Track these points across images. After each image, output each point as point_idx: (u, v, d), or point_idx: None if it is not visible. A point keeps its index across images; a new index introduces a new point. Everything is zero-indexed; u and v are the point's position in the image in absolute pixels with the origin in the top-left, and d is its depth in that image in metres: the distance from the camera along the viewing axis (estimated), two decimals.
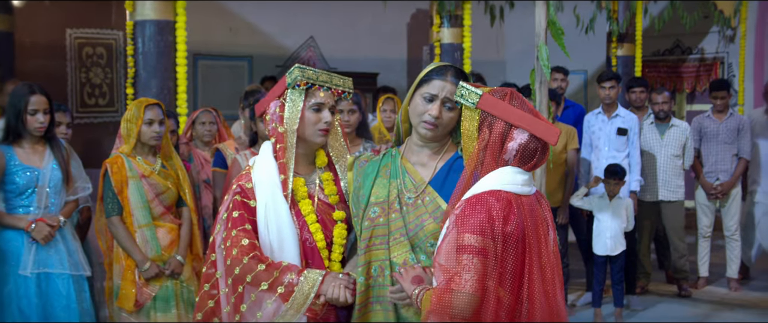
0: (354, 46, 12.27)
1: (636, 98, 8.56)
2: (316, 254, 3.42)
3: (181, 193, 5.47)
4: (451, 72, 3.27)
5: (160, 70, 6.99)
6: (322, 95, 3.43)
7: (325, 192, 3.53)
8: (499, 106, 2.98)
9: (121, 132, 5.32)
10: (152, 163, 5.35)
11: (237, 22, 11.52)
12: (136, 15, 7.01)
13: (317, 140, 3.47)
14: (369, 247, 3.27)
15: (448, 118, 3.23)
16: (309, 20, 11.96)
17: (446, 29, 9.09)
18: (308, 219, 3.43)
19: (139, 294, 5.23)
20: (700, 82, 12.86)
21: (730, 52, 12.46)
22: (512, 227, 2.86)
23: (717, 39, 12.51)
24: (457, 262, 2.82)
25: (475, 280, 2.79)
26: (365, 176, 3.38)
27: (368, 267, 3.27)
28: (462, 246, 2.82)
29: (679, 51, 13.05)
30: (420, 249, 3.20)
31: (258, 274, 3.28)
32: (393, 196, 3.28)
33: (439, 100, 3.20)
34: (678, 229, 8.52)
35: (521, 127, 2.95)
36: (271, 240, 3.37)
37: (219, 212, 3.53)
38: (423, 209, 3.21)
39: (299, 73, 3.39)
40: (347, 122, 5.61)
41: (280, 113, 3.44)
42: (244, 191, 3.43)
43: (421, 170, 3.31)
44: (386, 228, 3.24)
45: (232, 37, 11.45)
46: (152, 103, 5.33)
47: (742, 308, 8.08)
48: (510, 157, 2.96)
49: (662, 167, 8.37)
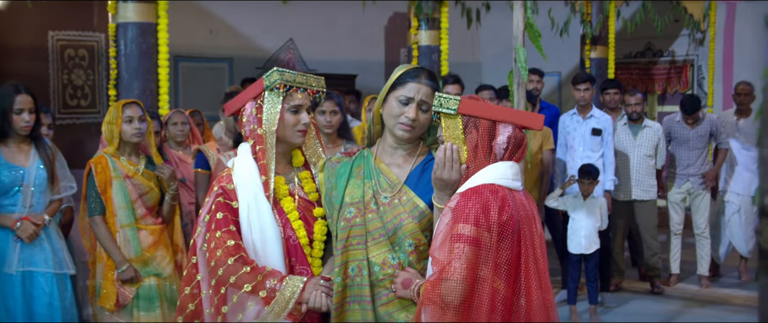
0: (333, 49, 12.33)
1: (610, 100, 8.73)
2: (299, 251, 3.47)
3: (164, 193, 5.53)
4: (425, 74, 3.34)
5: (143, 72, 7.06)
6: (299, 97, 3.50)
7: (304, 190, 3.60)
8: (479, 106, 3.11)
9: (104, 136, 5.39)
10: (136, 163, 5.42)
11: (217, 24, 11.57)
12: (119, 17, 7.08)
13: (297, 140, 3.55)
14: (346, 247, 3.31)
15: (424, 119, 3.30)
16: (288, 22, 11.99)
17: (424, 31, 9.21)
18: (291, 217, 3.49)
19: (120, 294, 5.28)
20: (670, 84, 13.08)
21: (700, 55, 12.68)
22: (507, 218, 2.95)
23: (687, 42, 12.73)
24: (450, 251, 2.91)
25: (465, 268, 2.87)
26: (338, 176, 3.44)
27: (345, 266, 3.31)
28: (455, 235, 2.91)
29: (651, 54, 13.26)
30: (399, 247, 3.25)
31: (242, 276, 3.33)
32: (368, 196, 3.33)
33: (415, 102, 3.27)
34: (651, 228, 8.71)
35: (505, 121, 3.08)
36: (254, 240, 3.42)
37: (200, 214, 3.56)
38: (400, 209, 3.27)
39: (278, 76, 3.45)
40: (329, 123, 5.70)
41: (257, 115, 3.50)
42: (226, 193, 3.48)
43: (396, 170, 3.37)
44: (363, 228, 3.29)
45: (212, 39, 11.49)
46: (129, 102, 5.42)
47: (712, 304, 8.26)
48: (501, 152, 3.07)
49: (635, 167, 8.56)
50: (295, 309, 3.31)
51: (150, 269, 5.37)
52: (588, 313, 7.71)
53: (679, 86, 13.00)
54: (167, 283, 5.44)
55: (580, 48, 11.14)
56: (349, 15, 12.14)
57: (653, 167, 8.65)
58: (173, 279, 5.46)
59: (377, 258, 3.27)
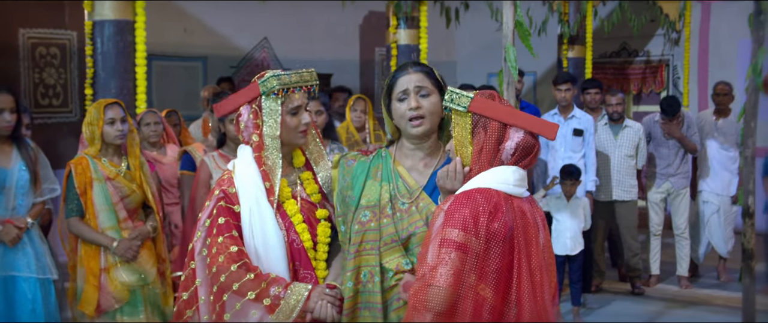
0: (307, 48, 12.23)
1: (591, 100, 8.69)
2: (303, 254, 3.40)
3: (145, 195, 5.39)
4: (410, 64, 3.27)
5: (120, 71, 6.90)
6: (297, 97, 3.42)
7: (307, 191, 3.52)
8: (491, 106, 2.98)
9: (84, 136, 5.25)
10: (117, 165, 5.28)
11: (191, 22, 11.42)
12: (95, 15, 6.92)
13: (299, 141, 3.48)
14: (359, 252, 3.23)
15: (430, 104, 3.19)
16: (263, 21, 11.89)
17: (403, 30, 9.13)
18: (294, 220, 3.41)
19: (102, 299, 5.13)
20: (646, 84, 13.09)
21: (675, 55, 12.70)
22: (499, 225, 2.83)
23: (662, 42, 12.74)
24: (436, 256, 2.81)
25: (450, 275, 2.77)
26: (354, 176, 3.33)
27: (357, 272, 3.23)
28: (443, 240, 2.81)
29: (626, 53, 13.27)
30: (411, 253, 3.17)
31: (245, 283, 3.24)
32: (385, 200, 3.23)
33: (412, 92, 3.19)
34: (631, 228, 8.68)
35: (517, 125, 2.96)
36: (256, 245, 3.34)
37: (199, 218, 3.46)
38: (417, 216, 3.18)
39: (276, 82, 3.35)
40: (314, 123, 5.62)
41: (254, 120, 3.40)
42: (228, 197, 3.38)
43: (415, 175, 3.27)
44: (377, 233, 3.20)
45: (186, 38, 11.34)
46: (111, 102, 5.28)
47: (693, 305, 8.25)
48: (507, 157, 2.95)
49: (616, 167, 8.52)
50: (299, 317, 3.23)
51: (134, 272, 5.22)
52: (571, 314, 7.66)
53: (654, 85, 13.01)
54: (151, 287, 5.30)
55: (557, 47, 11.10)
56: (324, 14, 12.10)
57: (634, 168, 8.62)
58: (157, 283, 5.32)
59: (390, 263, 3.19)
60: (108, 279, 5.15)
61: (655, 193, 8.99)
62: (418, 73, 3.23)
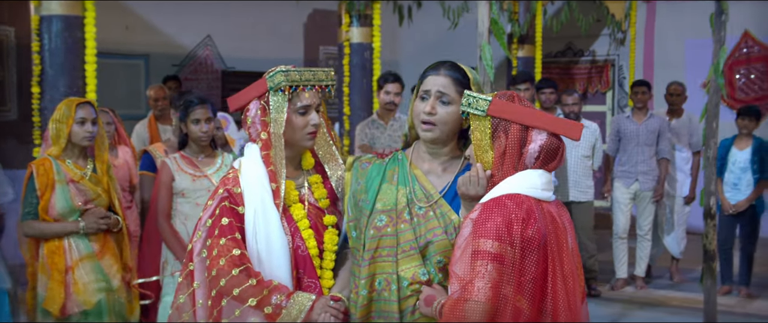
0: (252, 46, 12.06)
1: (545, 100, 8.60)
2: (308, 262, 3.24)
3: (111, 200, 5.10)
4: (446, 66, 3.09)
5: (69, 68, 6.63)
6: (307, 96, 3.24)
7: (314, 196, 3.36)
8: (511, 109, 2.84)
9: (50, 133, 4.94)
10: (83, 167, 4.99)
11: (133, 20, 11.17)
12: (42, 9, 6.63)
13: (306, 143, 3.30)
14: (374, 258, 3.06)
15: (445, 114, 3.02)
16: (206, 19, 11.73)
17: (355, 29, 8.96)
18: (300, 225, 3.25)
19: (67, 299, 4.84)
20: (591, 83, 13.13)
21: (621, 55, 12.75)
22: (532, 232, 2.70)
23: (608, 42, 12.77)
24: (472, 269, 2.67)
25: (489, 288, 2.63)
26: (369, 179, 3.17)
27: (372, 279, 3.07)
28: (477, 252, 2.67)
29: (571, 53, 13.30)
30: (429, 262, 3.01)
31: (247, 289, 3.08)
32: (402, 205, 3.07)
33: (433, 95, 3.02)
34: (588, 229, 8.62)
35: (539, 127, 2.82)
36: (259, 250, 3.18)
37: (201, 217, 3.30)
38: (434, 222, 3.02)
39: (283, 77, 3.18)
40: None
41: (262, 117, 3.23)
42: (232, 197, 3.22)
43: (433, 179, 3.12)
44: (394, 239, 3.03)
45: (128, 36, 11.09)
46: (83, 101, 4.98)
47: (650, 306, 8.23)
48: (531, 161, 2.82)
49: (572, 168, 8.46)
50: None
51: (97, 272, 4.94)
52: None
53: (600, 85, 13.07)
54: (116, 296, 5.02)
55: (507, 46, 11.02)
56: (268, 12, 11.96)
57: (590, 168, 8.56)
58: (122, 291, 5.05)
59: (407, 272, 3.02)
60: (73, 279, 4.86)
61: (624, 194, 8.92)
62: (447, 78, 3.05)
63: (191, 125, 5.14)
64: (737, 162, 8.53)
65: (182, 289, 3.26)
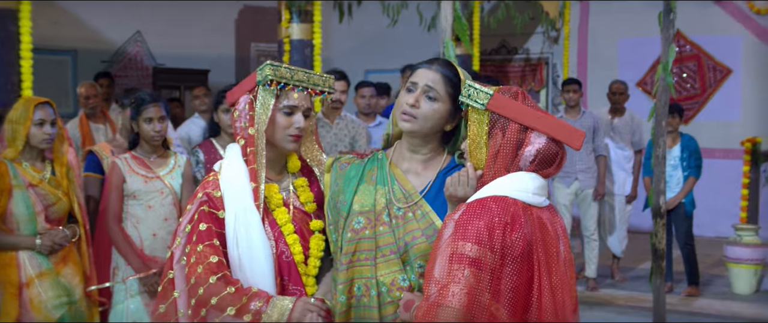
0: (182, 42, 11.85)
1: None
2: (293, 269, 3.09)
3: (72, 204, 4.83)
4: (439, 62, 2.96)
5: (3, 64, 6.36)
6: (295, 97, 3.09)
7: (300, 199, 3.21)
8: (513, 106, 2.69)
9: (5, 135, 4.65)
10: (40, 170, 4.72)
11: (60, 14, 10.85)
12: None
13: (288, 146, 3.13)
14: (352, 262, 2.93)
15: (430, 109, 2.88)
16: (136, 14, 11.49)
17: (296, 25, 8.73)
18: (284, 230, 3.10)
19: (23, 310, 4.57)
20: (525, 82, 13.13)
21: (555, 53, 12.77)
22: (516, 238, 2.55)
23: (542, 40, 12.79)
24: (447, 272, 2.51)
25: (464, 294, 2.48)
26: (347, 180, 3.03)
27: (350, 285, 2.93)
28: (455, 255, 2.52)
29: (505, 51, 13.28)
30: (410, 267, 2.87)
31: (225, 297, 2.93)
32: (381, 206, 2.93)
33: (420, 88, 2.89)
34: None
35: (539, 130, 2.68)
36: (241, 255, 3.02)
37: (180, 223, 3.14)
38: (414, 224, 2.88)
39: (271, 71, 3.03)
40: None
41: (249, 111, 3.08)
42: (211, 201, 3.07)
43: (413, 178, 2.98)
44: (373, 242, 2.90)
45: (55, 30, 10.74)
46: (42, 101, 4.71)
47: (598, 306, 8.18)
48: (525, 164, 2.67)
49: None
50: None
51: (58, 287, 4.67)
52: None
53: (534, 83, 13.07)
54: (78, 306, 4.77)
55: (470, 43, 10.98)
56: (199, 8, 11.80)
57: None
58: (83, 301, 4.81)
59: (386, 277, 2.88)
60: (30, 297, 4.58)
61: (565, 195, 8.84)
62: (437, 74, 2.91)
63: (143, 124, 4.93)
64: (666, 160, 8.57)
65: (162, 298, 3.11)
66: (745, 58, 11.15)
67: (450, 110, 2.92)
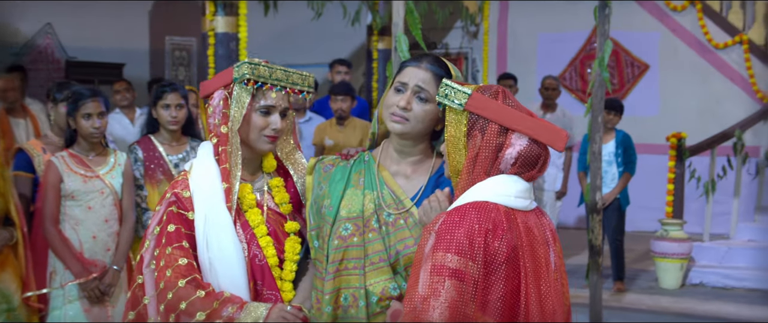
0: (94, 35, 11.54)
1: None
2: (266, 273, 2.95)
3: (7, 204, 4.55)
4: (428, 59, 2.82)
5: None
6: (273, 96, 2.95)
7: (275, 200, 3.07)
8: (492, 106, 2.54)
9: None
10: None
11: None
12: None
13: (263, 147, 2.99)
14: (339, 271, 2.78)
15: (421, 111, 2.75)
16: (46, 6, 11.11)
17: (220, 18, 8.50)
18: (257, 232, 2.96)
19: None
20: None
21: (474, 48, 12.75)
22: (499, 245, 2.41)
23: (461, 34, 12.75)
24: (428, 285, 2.37)
25: (446, 308, 2.33)
26: (333, 183, 2.89)
27: (337, 294, 2.79)
28: (435, 267, 2.37)
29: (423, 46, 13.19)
30: (400, 276, 2.75)
31: (194, 302, 2.79)
32: (369, 211, 2.80)
33: (410, 89, 2.75)
34: None
35: (520, 131, 2.53)
36: (211, 259, 2.88)
37: (149, 225, 2.99)
38: (406, 232, 2.76)
39: (248, 70, 2.89)
40: (174, 119, 5.08)
41: (223, 108, 2.93)
42: (180, 201, 2.94)
43: (403, 182, 2.85)
44: (362, 250, 2.77)
45: None
46: None
47: None
48: (506, 167, 2.52)
49: None
50: None
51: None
52: None
53: None
54: (17, 314, 4.51)
55: (367, 38, 10.86)
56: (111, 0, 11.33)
57: None
58: (21, 308, 4.55)
59: (376, 286, 2.75)
60: None
61: None
62: (428, 73, 2.77)
63: (81, 121, 4.69)
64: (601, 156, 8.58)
65: (131, 304, 2.98)
66: (662, 54, 11.30)
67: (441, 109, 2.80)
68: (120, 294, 4.82)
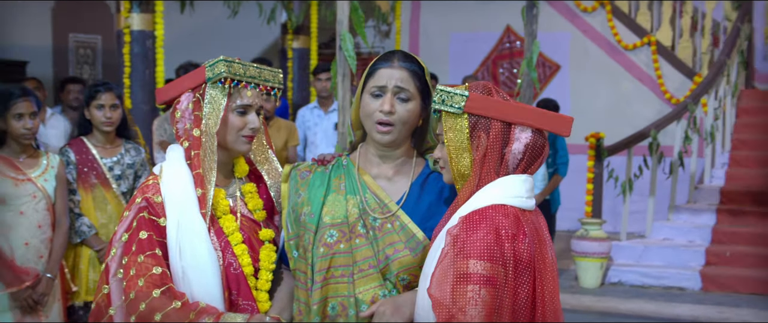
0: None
1: (322, 87, 8.12)
2: (242, 282, 2.82)
3: None
4: (398, 56, 2.73)
5: None
6: (249, 95, 2.84)
7: (248, 207, 2.94)
8: (491, 104, 2.50)
9: None
10: None
11: None
12: None
13: (241, 147, 2.87)
14: (326, 280, 2.67)
15: (405, 112, 2.66)
16: None
17: (136, 15, 8.24)
18: (232, 239, 2.83)
19: None
20: (357, 76, 12.99)
21: (386, 47, 12.70)
22: (523, 248, 2.37)
23: (373, 34, 12.69)
24: (461, 295, 2.30)
25: (484, 316, 2.29)
26: (312, 189, 2.78)
27: (324, 304, 2.68)
28: (466, 275, 2.30)
29: (335, 45, 13.07)
30: (390, 282, 2.64)
31: (169, 313, 2.65)
32: (354, 217, 2.69)
33: (390, 91, 2.65)
34: None
35: (526, 124, 2.49)
36: (185, 267, 2.73)
37: (116, 231, 2.83)
38: (394, 236, 2.65)
39: (225, 68, 2.77)
40: (109, 120, 4.86)
41: (195, 111, 2.80)
42: (151, 207, 2.79)
43: (385, 184, 2.76)
44: (350, 257, 2.66)
45: None
46: None
47: None
48: (514, 163, 2.49)
49: None
50: None
51: None
52: None
53: None
54: None
55: (281, 37, 10.70)
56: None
57: None
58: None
59: (366, 294, 2.64)
60: None
61: None
62: (404, 71, 2.68)
63: (12, 121, 4.45)
64: None
65: (96, 317, 2.81)
66: (573, 54, 11.45)
67: (421, 105, 2.72)
68: (53, 303, 4.61)
